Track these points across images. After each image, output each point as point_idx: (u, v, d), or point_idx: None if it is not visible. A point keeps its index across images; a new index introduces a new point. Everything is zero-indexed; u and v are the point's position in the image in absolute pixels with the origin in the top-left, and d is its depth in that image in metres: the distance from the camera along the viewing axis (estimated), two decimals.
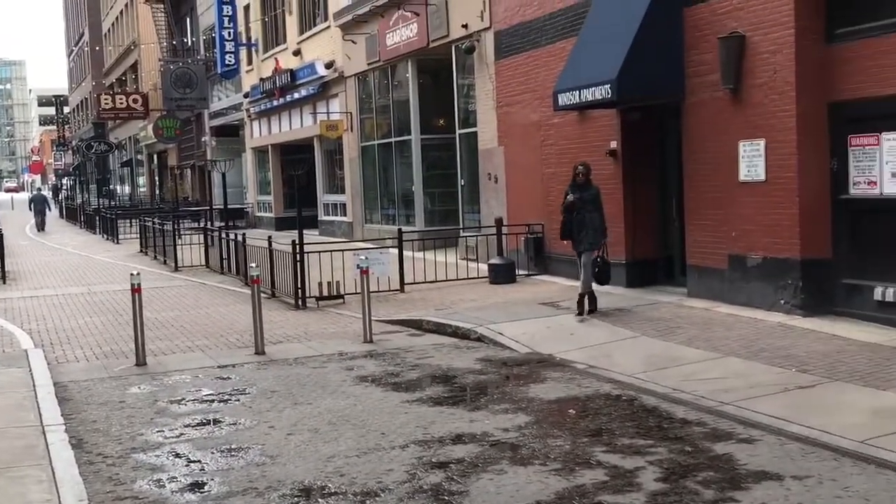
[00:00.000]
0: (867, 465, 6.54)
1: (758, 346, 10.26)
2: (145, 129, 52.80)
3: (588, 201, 12.45)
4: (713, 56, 12.53)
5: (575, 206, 12.39)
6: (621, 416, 8.19)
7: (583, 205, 12.40)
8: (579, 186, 12.54)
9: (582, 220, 12.40)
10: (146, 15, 50.06)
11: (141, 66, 55.76)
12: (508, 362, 10.74)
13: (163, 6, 46.00)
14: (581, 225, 12.41)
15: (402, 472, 6.86)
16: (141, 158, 64.21)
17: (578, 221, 12.40)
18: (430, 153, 23.74)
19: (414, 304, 14.90)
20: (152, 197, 57.70)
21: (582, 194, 12.46)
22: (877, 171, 10.90)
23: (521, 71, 17.66)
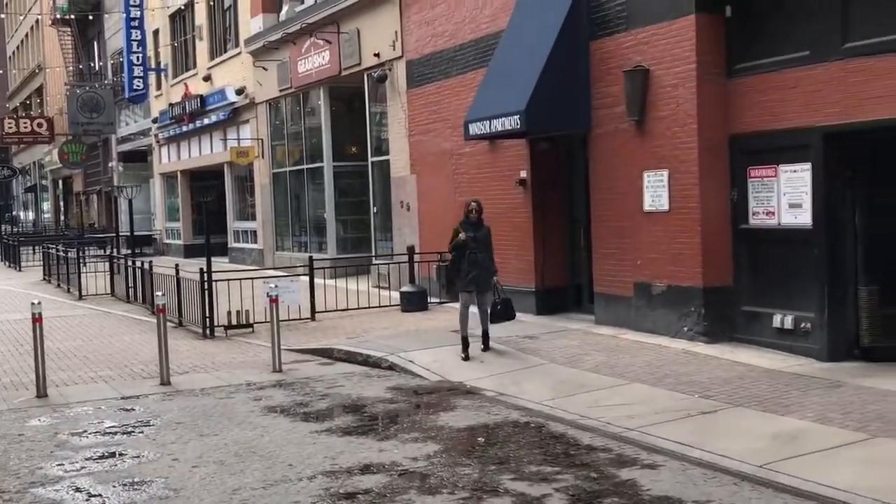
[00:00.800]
0: (765, 489, 6.71)
1: (662, 373, 10.47)
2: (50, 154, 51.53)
3: (481, 241, 11.90)
4: (619, 89, 12.83)
5: (468, 245, 11.76)
6: (529, 444, 8.26)
7: (476, 244, 11.79)
8: (472, 225, 11.94)
9: (475, 259, 11.76)
10: (52, 38, 48.98)
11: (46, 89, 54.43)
12: (419, 391, 10.75)
13: (70, 29, 45.06)
14: (473, 265, 11.76)
15: (309, 503, 6.78)
16: (45, 184, 62.55)
17: (471, 261, 11.75)
18: (343, 180, 23.71)
19: (325, 332, 14.81)
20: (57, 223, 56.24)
21: (476, 233, 11.87)
22: (775, 201, 11.27)
23: (433, 100, 17.80)
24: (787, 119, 10.97)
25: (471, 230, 11.86)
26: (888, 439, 7.57)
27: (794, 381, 9.76)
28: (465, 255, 11.76)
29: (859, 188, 10.60)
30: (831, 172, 10.60)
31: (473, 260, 11.77)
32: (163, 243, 37.32)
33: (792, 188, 11.03)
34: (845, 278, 10.65)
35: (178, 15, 33.54)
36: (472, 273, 11.75)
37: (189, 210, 34.80)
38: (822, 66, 10.51)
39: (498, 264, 15.99)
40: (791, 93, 10.88)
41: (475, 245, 11.78)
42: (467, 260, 11.76)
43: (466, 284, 11.84)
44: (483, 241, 11.91)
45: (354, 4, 20.40)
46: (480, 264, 11.78)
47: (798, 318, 10.94)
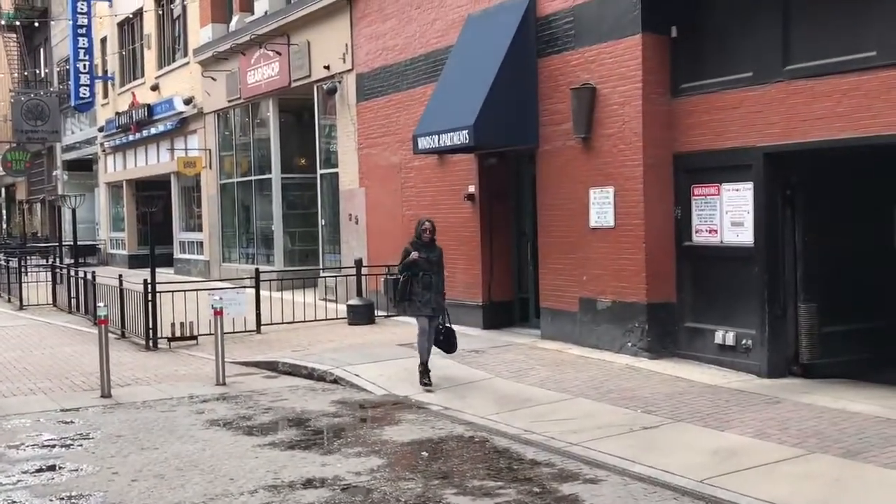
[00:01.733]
0: (704, 503, 6.79)
1: (606, 388, 10.56)
2: None
3: (435, 262, 11.28)
4: (566, 106, 12.95)
5: (420, 266, 11.10)
6: (473, 458, 8.28)
7: (429, 266, 11.16)
8: (425, 245, 11.26)
9: (429, 282, 11.11)
10: None
11: None
12: (364, 404, 10.71)
13: (15, 36, 44.34)
14: (427, 288, 11.09)
15: None
16: None
17: (425, 284, 11.07)
18: (291, 192, 23.61)
19: (270, 345, 14.70)
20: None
21: (429, 255, 11.22)
22: (717, 219, 11.45)
23: (383, 114, 17.82)
24: (729, 139, 11.16)
25: (424, 251, 11.19)
26: (824, 455, 7.71)
27: (734, 396, 9.90)
28: (417, 277, 11.07)
29: (799, 207, 10.82)
30: (772, 192, 10.80)
31: (427, 282, 11.11)
32: (107, 253, 36.80)
33: (734, 207, 11.21)
34: (785, 296, 10.85)
35: (126, 23, 33.19)
36: (426, 296, 11.09)
37: (134, 220, 34.38)
38: (763, 88, 10.73)
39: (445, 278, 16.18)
40: (734, 113, 11.09)
41: (428, 266, 11.14)
42: (421, 282, 11.08)
43: (422, 308, 11.12)
44: (437, 263, 11.33)
45: (305, 17, 20.37)
46: (434, 287, 11.18)
47: (739, 335, 11.11)
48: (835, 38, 10.02)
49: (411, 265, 11.12)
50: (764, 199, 10.80)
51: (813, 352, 10.78)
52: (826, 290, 10.80)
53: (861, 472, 7.23)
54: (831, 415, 8.96)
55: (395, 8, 17.28)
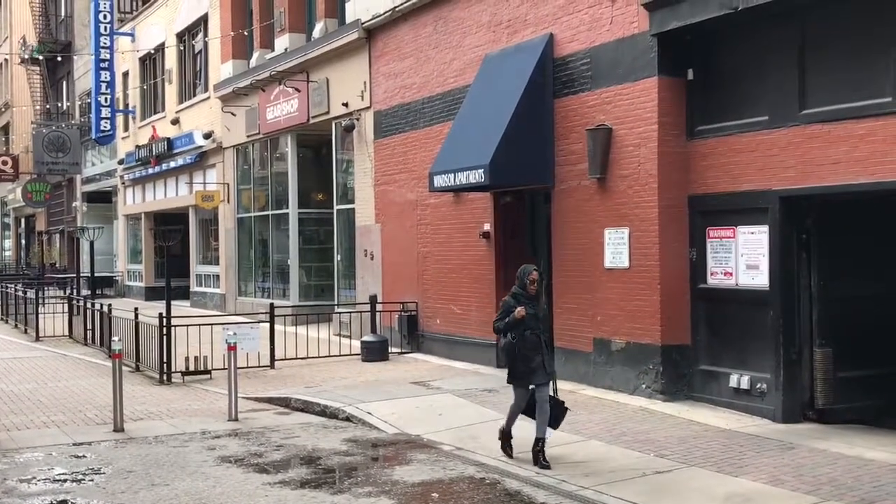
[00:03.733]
0: None
1: (619, 430, 10.49)
2: (14, 192, 51.00)
3: (542, 319, 9.62)
4: (582, 146, 13.00)
5: (526, 324, 9.26)
6: (483, 500, 8.23)
7: (536, 323, 9.35)
8: (530, 298, 9.42)
9: (535, 343, 9.28)
10: (21, 76, 48.76)
11: (13, 127, 54.01)
12: (376, 443, 10.68)
13: (39, 69, 44.93)
14: (535, 349, 9.27)
15: None
16: (8, 222, 61.81)
17: (531, 345, 9.25)
18: (308, 227, 23.72)
19: (284, 380, 14.70)
20: (18, 262, 55.52)
21: (536, 310, 9.40)
22: (733, 262, 11.42)
23: (400, 151, 17.92)
24: (745, 181, 11.16)
25: (530, 305, 9.35)
26: (839, 503, 7.62)
27: (748, 441, 9.82)
28: (523, 337, 9.27)
29: (814, 251, 10.78)
30: (787, 235, 10.78)
31: (534, 344, 9.28)
32: (124, 285, 36.97)
33: (749, 250, 11.19)
34: (801, 340, 10.78)
35: (148, 58, 33.58)
36: (535, 360, 9.26)
37: (151, 252, 34.56)
38: (779, 131, 10.74)
39: (459, 316, 16.23)
40: (750, 156, 11.09)
41: (535, 324, 9.32)
42: (527, 343, 9.26)
43: (527, 375, 9.32)
44: (545, 321, 9.71)
45: (324, 54, 20.57)
46: (543, 349, 9.35)
47: (754, 379, 11.04)
48: (851, 84, 10.04)
49: (516, 324, 9.26)
50: (779, 243, 10.77)
51: (828, 397, 10.69)
52: (841, 335, 10.72)
53: None
54: (846, 462, 8.87)
55: (412, 47, 17.44)
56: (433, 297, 16.83)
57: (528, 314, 9.22)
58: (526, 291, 9.42)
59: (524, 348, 9.25)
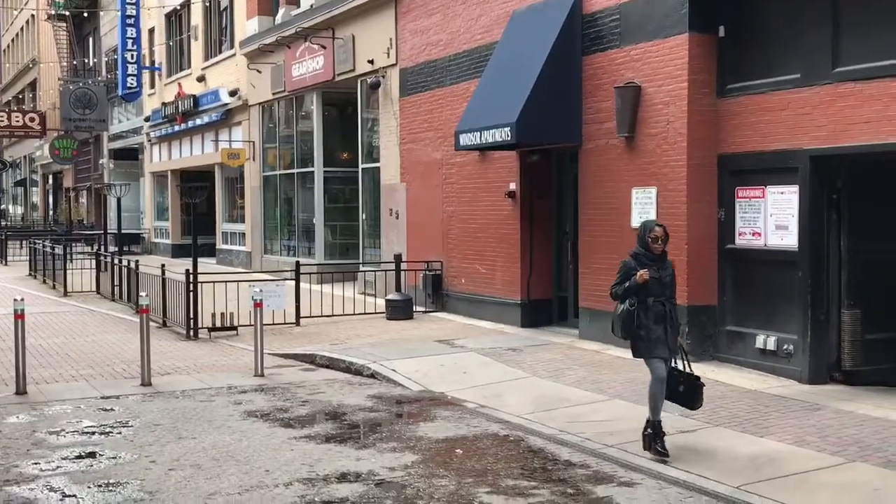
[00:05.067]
0: None
1: (644, 390, 10.32)
2: (41, 149, 51.35)
3: (668, 284, 8.14)
4: (610, 104, 12.86)
5: (649, 289, 7.98)
6: (507, 457, 8.25)
7: (661, 289, 8.05)
8: (655, 259, 8.11)
9: (660, 312, 8.02)
10: (48, 32, 48.87)
11: (40, 84, 54.29)
12: (400, 400, 10.73)
13: (65, 25, 44.98)
14: (659, 320, 8.02)
15: None
16: (36, 178, 62.32)
17: (656, 314, 8.00)
18: (333, 186, 23.71)
19: (309, 337, 14.78)
20: (45, 218, 56.02)
21: (661, 273, 8.07)
22: (761, 222, 11.31)
23: (425, 109, 17.82)
24: (775, 141, 11.02)
25: (654, 267, 8.05)
26: (864, 464, 7.59)
27: (774, 402, 9.78)
28: (645, 304, 8.01)
29: (844, 212, 10.65)
30: (817, 195, 10.65)
31: (659, 313, 8.02)
32: (151, 242, 37.23)
33: (779, 210, 11.07)
34: (829, 301, 10.69)
35: (174, 14, 33.51)
36: (657, 331, 8.03)
37: (178, 210, 34.73)
38: (811, 90, 10.57)
39: (484, 276, 16.22)
40: (780, 115, 10.93)
41: (660, 290, 8.04)
42: (651, 312, 8.00)
43: (654, 347, 8.06)
44: (670, 285, 8.19)
45: (350, 10, 20.42)
46: (669, 319, 8.08)
47: (781, 340, 10.97)
48: (885, 41, 9.84)
49: (637, 289, 8.00)
50: (809, 203, 10.65)
51: (855, 359, 10.61)
52: (870, 297, 10.62)
53: None
54: (873, 423, 8.81)
55: (439, 3, 17.27)
56: (458, 257, 16.82)
57: (651, 278, 7.91)
58: (648, 251, 8.05)
59: (645, 318, 7.94)
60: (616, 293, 8.16)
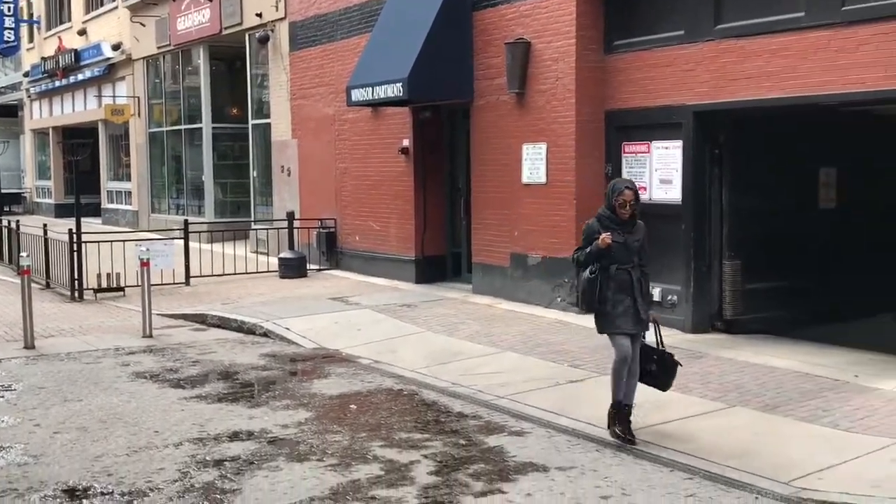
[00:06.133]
0: (626, 455, 6.93)
1: (534, 342, 10.67)
2: None
3: (634, 249, 7.22)
4: (500, 60, 12.91)
5: (612, 255, 7.10)
6: (401, 411, 8.31)
7: (626, 255, 7.16)
8: (622, 223, 7.19)
9: (626, 281, 7.14)
10: None
11: None
12: (294, 358, 10.68)
13: None
14: (623, 288, 7.14)
15: (174, 470, 6.68)
16: None
17: (620, 283, 7.13)
18: (222, 142, 23.27)
19: (199, 297, 14.54)
20: None
21: (627, 238, 7.17)
22: (647, 177, 11.55)
23: (316, 64, 17.57)
24: (661, 97, 11.24)
25: (619, 232, 7.15)
26: (744, 408, 7.90)
27: None
28: (607, 272, 7.14)
29: (726, 166, 10.97)
30: (700, 150, 10.93)
31: (624, 282, 7.15)
32: (32, 202, 35.95)
33: (663, 165, 11.33)
34: (710, 253, 11.03)
35: None
36: (623, 303, 7.16)
37: (60, 168, 33.58)
38: (695, 46, 10.80)
39: (378, 233, 16.19)
40: (665, 71, 11.15)
41: (625, 256, 7.15)
42: (613, 281, 7.14)
43: (618, 321, 7.17)
44: (638, 251, 7.26)
45: None
46: (637, 289, 7.19)
47: (665, 291, 11.29)
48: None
49: (599, 255, 7.12)
50: (692, 158, 10.93)
51: (736, 308, 11.01)
52: (750, 249, 11.00)
53: (779, 426, 7.43)
54: (752, 369, 9.17)
55: None
56: (352, 214, 16.73)
57: (615, 242, 7.05)
58: (615, 214, 7.16)
59: (607, 288, 7.10)
60: (578, 258, 7.31)
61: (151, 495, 6.19)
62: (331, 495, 6.16)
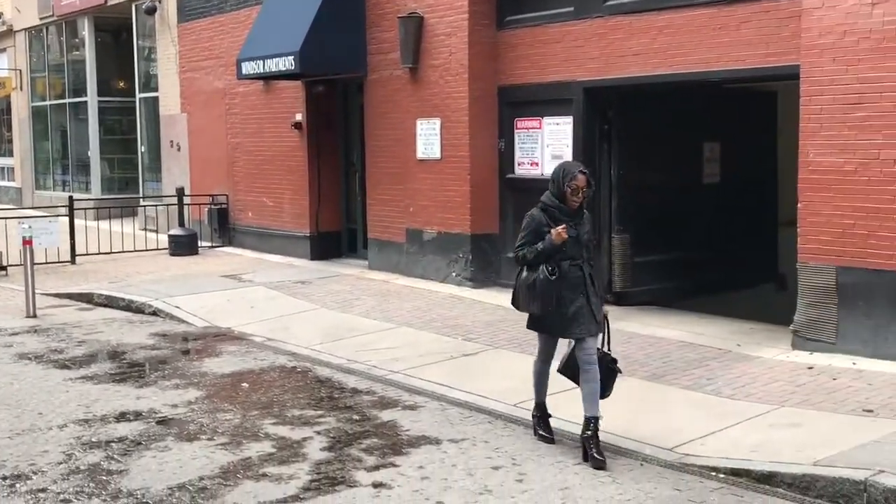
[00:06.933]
0: (517, 426, 7.03)
1: (430, 317, 10.71)
2: None
3: (586, 243, 6.50)
4: (394, 35, 12.84)
5: (565, 250, 6.29)
6: (294, 388, 8.26)
7: (578, 249, 6.39)
8: (571, 214, 6.38)
9: (578, 278, 6.34)
10: None
11: None
12: (184, 337, 10.50)
13: None
14: (575, 287, 6.34)
15: (59, 452, 6.51)
16: None
17: (571, 281, 6.31)
18: (109, 117, 22.65)
19: (86, 276, 14.14)
20: None
21: (578, 230, 6.39)
22: (539, 152, 11.69)
23: (206, 36, 17.18)
24: (551, 73, 11.36)
25: (570, 224, 6.33)
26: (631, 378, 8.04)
27: None
28: (559, 269, 6.28)
29: (615, 142, 11.16)
30: (590, 126, 11.10)
31: (577, 279, 6.35)
32: None
33: (555, 140, 11.47)
34: (600, 227, 11.21)
35: None
36: (576, 303, 6.33)
37: None
38: (584, 23, 10.93)
39: (272, 209, 16.00)
40: (556, 47, 11.27)
41: (576, 249, 6.36)
42: (567, 278, 6.31)
43: (570, 325, 6.37)
44: (586, 243, 6.51)
45: None
46: (588, 286, 6.40)
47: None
48: None
49: (552, 251, 6.28)
50: (582, 133, 11.09)
51: (625, 280, 11.25)
52: (639, 222, 11.24)
53: (664, 394, 7.65)
54: (640, 340, 9.40)
55: None
56: (244, 190, 16.48)
57: (569, 237, 6.25)
58: (565, 203, 6.34)
59: (561, 287, 6.28)
60: (524, 256, 6.36)
61: (35, 478, 6.02)
62: (221, 474, 6.09)
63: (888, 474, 5.46)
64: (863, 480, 5.44)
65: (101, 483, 5.95)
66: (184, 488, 5.85)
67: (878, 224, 8.06)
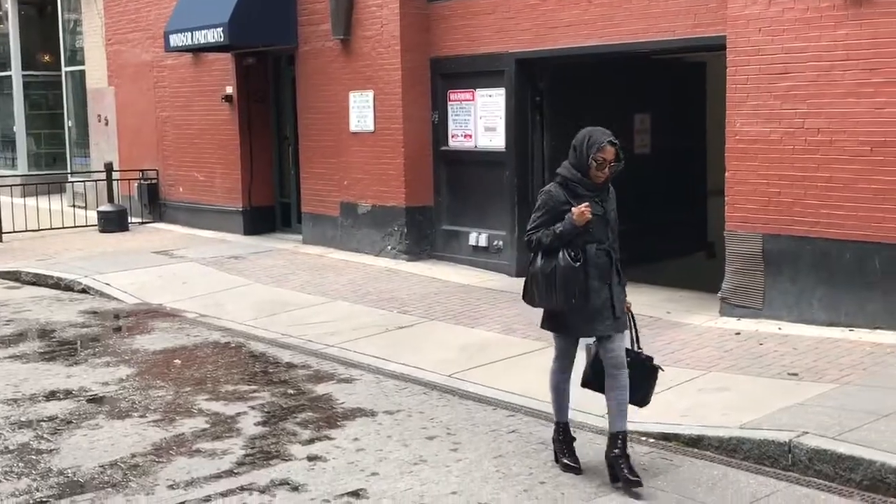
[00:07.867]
0: (452, 396, 7.08)
1: (365, 290, 10.70)
2: None
3: (612, 222, 5.49)
4: (325, 6, 12.71)
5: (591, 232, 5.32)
6: (228, 364, 8.20)
7: (605, 231, 5.42)
8: (595, 190, 5.40)
9: (605, 264, 5.38)
10: None
11: None
12: (115, 314, 10.35)
13: None
14: (602, 275, 5.36)
15: None
16: None
17: (600, 268, 5.35)
18: (34, 91, 22.09)
19: (13, 254, 13.82)
20: None
21: (605, 208, 5.43)
22: (472, 124, 11.70)
23: (132, 8, 16.81)
24: (484, 45, 11.36)
25: (596, 201, 5.38)
26: None
27: (485, 295, 10.30)
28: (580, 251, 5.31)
29: (547, 113, 11.22)
30: (522, 98, 11.13)
31: (604, 266, 5.40)
32: None
33: (488, 112, 11.48)
34: (533, 199, 11.27)
35: None
36: (602, 294, 5.37)
37: None
38: None
39: (203, 184, 15.79)
40: (488, 19, 11.26)
41: (602, 231, 5.40)
42: (594, 265, 5.35)
43: (583, 322, 5.42)
44: (613, 223, 5.50)
45: None
46: (614, 278, 5.45)
47: (492, 237, 11.52)
48: None
49: (574, 234, 5.30)
50: (515, 105, 11.12)
51: None
52: None
53: None
54: None
55: None
56: (175, 164, 16.22)
57: (594, 216, 5.29)
58: (588, 177, 5.35)
59: (588, 276, 5.30)
60: (539, 240, 5.37)
61: None
62: (154, 451, 6.03)
63: (812, 435, 5.61)
64: (787, 442, 5.59)
65: (30, 463, 5.86)
66: (115, 465, 5.78)
67: (803, 192, 8.23)
